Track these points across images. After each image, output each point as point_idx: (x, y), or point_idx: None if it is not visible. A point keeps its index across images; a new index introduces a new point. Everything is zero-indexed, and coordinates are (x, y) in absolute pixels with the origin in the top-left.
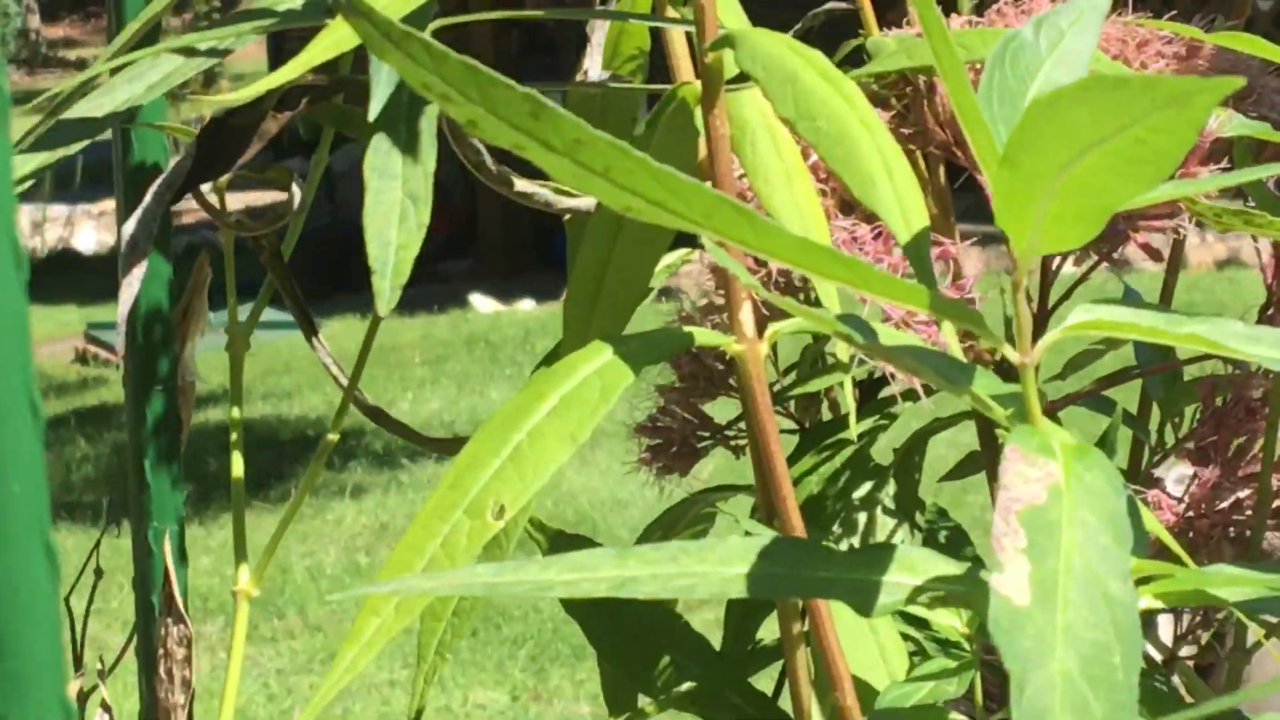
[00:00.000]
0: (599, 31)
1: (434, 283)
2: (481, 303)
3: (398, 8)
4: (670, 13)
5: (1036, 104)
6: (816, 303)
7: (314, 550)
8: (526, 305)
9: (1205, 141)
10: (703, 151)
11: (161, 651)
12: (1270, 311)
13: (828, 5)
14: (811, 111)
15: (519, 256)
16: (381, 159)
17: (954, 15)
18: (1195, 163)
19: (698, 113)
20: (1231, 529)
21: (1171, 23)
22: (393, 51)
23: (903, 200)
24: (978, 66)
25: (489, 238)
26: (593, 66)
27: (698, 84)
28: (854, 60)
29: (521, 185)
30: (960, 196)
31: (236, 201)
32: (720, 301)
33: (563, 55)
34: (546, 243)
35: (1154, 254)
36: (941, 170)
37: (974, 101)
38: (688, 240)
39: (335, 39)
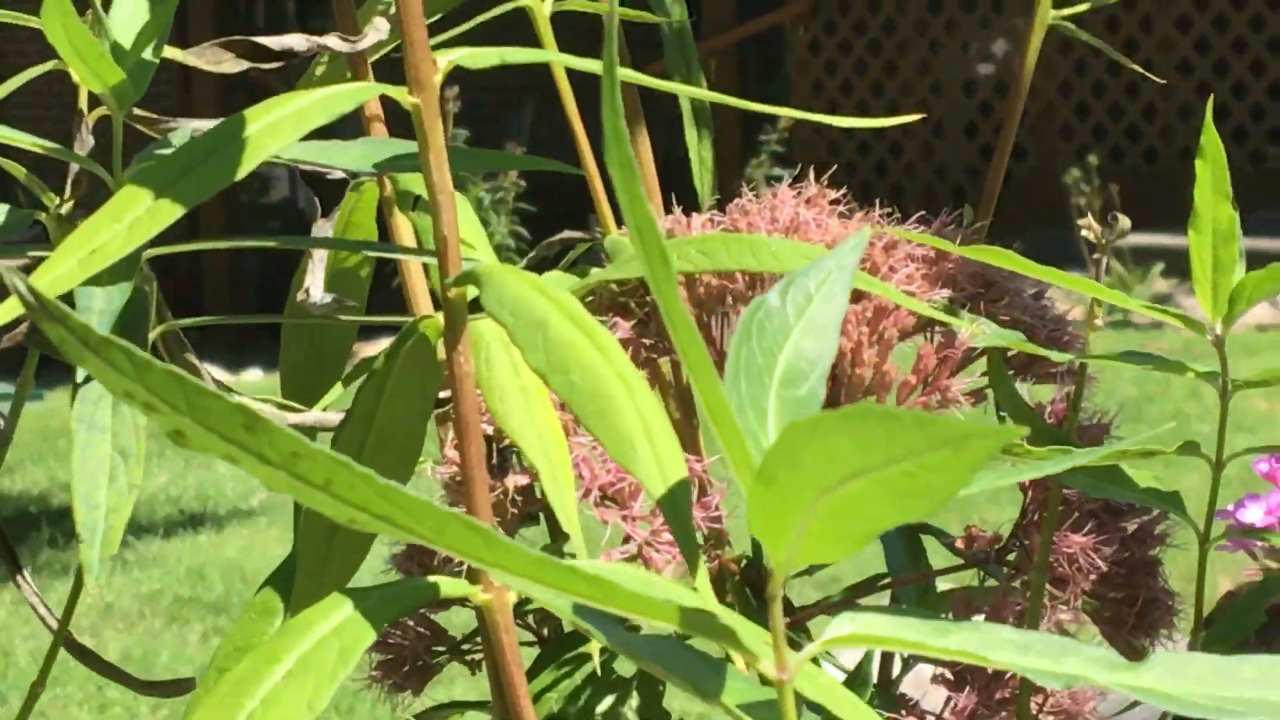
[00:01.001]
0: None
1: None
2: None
3: (102, 262)
4: (403, 225)
5: (795, 427)
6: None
7: (38, 632)
8: (254, 375)
9: (957, 352)
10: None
11: None
12: (1025, 523)
13: (562, 235)
14: (564, 364)
15: (246, 326)
16: (89, 409)
17: (694, 215)
18: (947, 375)
19: (439, 346)
20: None
21: (919, 234)
22: (92, 359)
23: (663, 463)
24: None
25: (216, 307)
26: (315, 286)
27: (439, 318)
28: (592, 257)
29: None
30: None
31: None
32: None
33: None
34: (277, 311)
35: None
36: (685, 369)
37: (723, 400)
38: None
39: (53, 279)
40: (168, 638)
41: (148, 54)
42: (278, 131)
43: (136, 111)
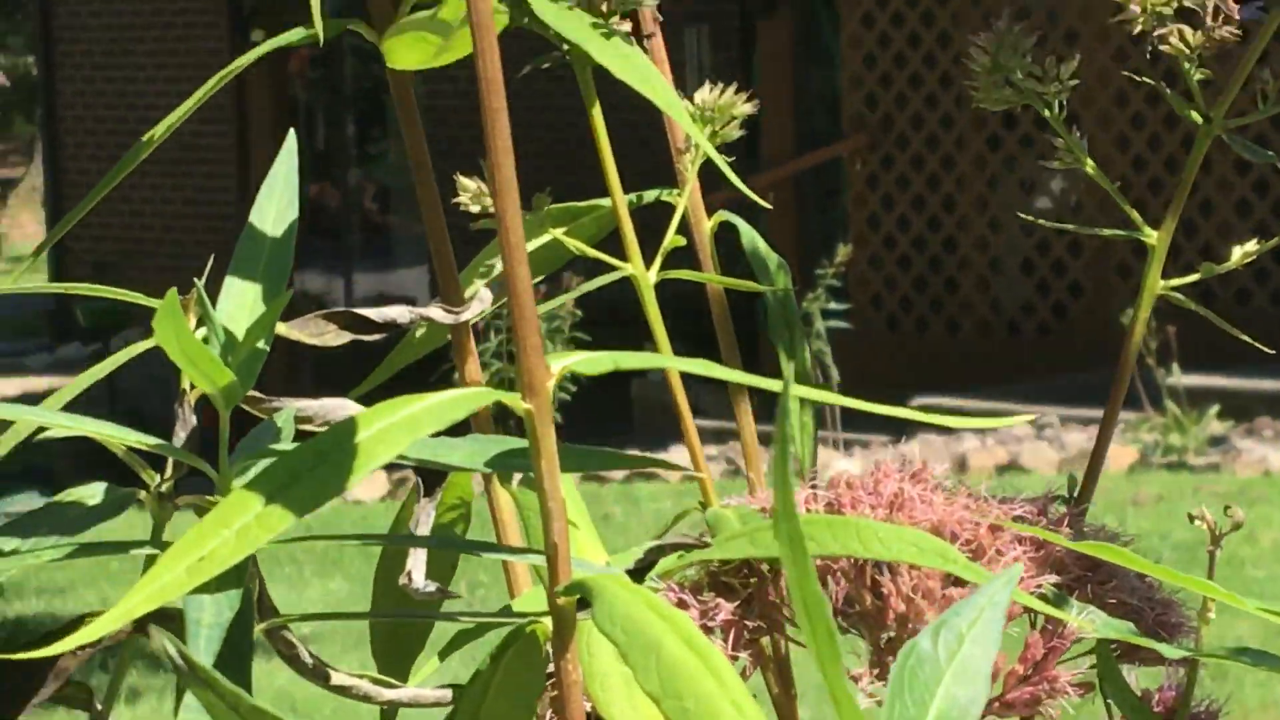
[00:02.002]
0: (422, 524)
1: None
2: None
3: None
4: (504, 502)
5: None
6: None
7: None
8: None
9: (1065, 643)
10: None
11: None
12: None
13: (670, 542)
14: (678, 689)
15: None
16: (193, 715)
17: (799, 488)
18: (1054, 663)
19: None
20: None
21: (1020, 522)
22: (199, 690)
23: None
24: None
25: None
26: (417, 571)
27: (547, 622)
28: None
29: (339, 679)
30: None
31: (11, 388)
32: None
33: None
34: None
35: None
36: (783, 641)
37: None
38: None
39: (161, 586)
40: None
41: (259, 345)
42: (389, 439)
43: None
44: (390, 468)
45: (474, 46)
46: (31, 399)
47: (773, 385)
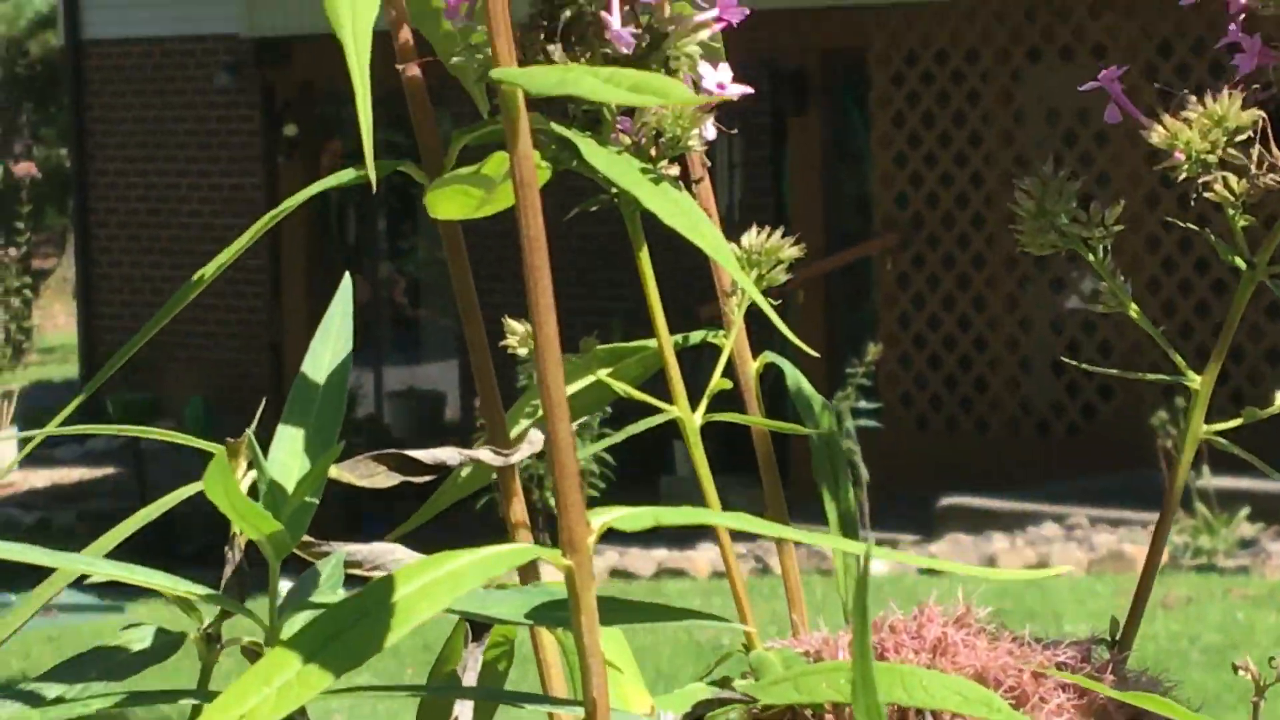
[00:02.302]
0: None
1: None
2: None
3: None
4: (547, 641)
5: None
6: None
7: None
8: None
9: None
10: None
11: None
12: None
13: (712, 697)
14: None
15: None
16: None
17: (841, 634)
18: None
19: None
20: None
21: (1063, 669)
22: None
23: None
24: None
25: None
26: (465, 716)
27: None
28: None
29: None
30: None
31: (40, 479)
32: None
33: None
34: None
35: None
36: None
37: None
38: None
39: None
40: None
41: (308, 498)
42: (431, 596)
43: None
44: None
45: (517, 204)
46: (61, 490)
47: (820, 540)
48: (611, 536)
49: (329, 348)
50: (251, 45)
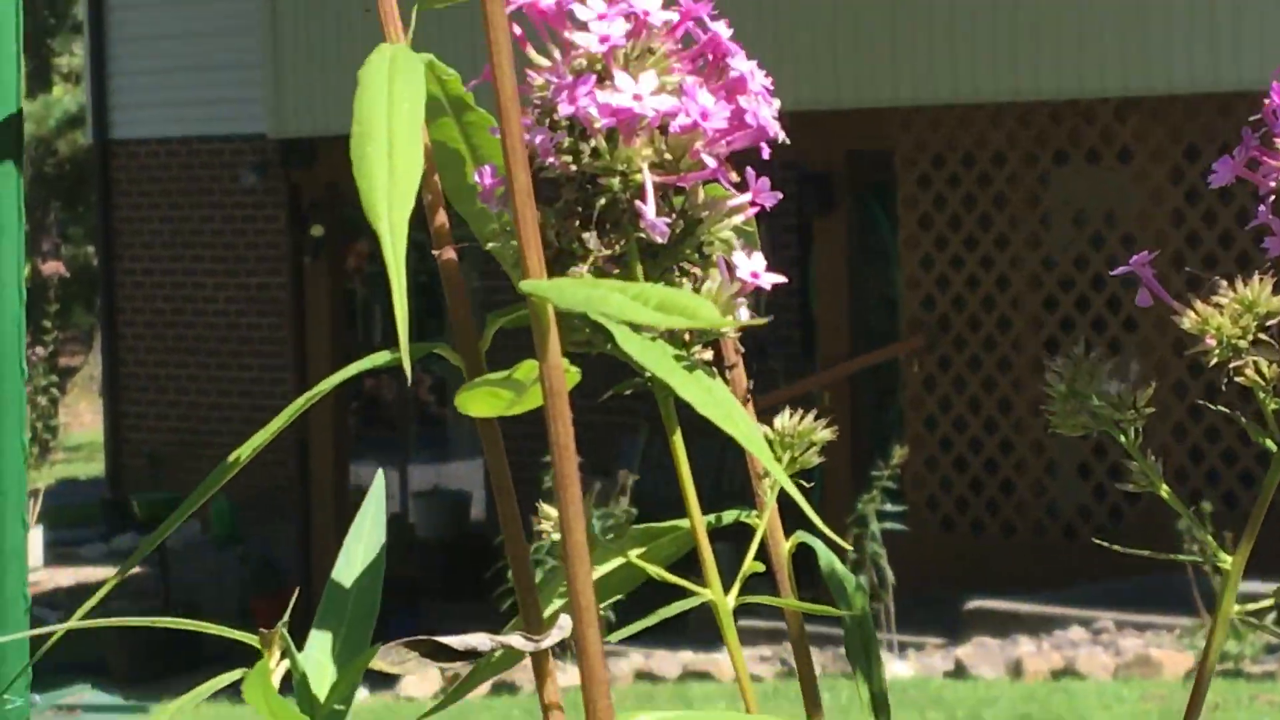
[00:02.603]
0: None
1: None
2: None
3: None
4: None
5: None
6: None
7: None
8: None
9: None
10: None
11: None
12: None
13: None
14: None
15: None
16: None
17: None
18: None
19: None
20: None
21: None
22: None
23: None
24: None
25: None
26: None
27: None
28: None
29: None
30: None
31: (66, 578)
32: None
33: None
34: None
35: None
36: None
37: None
38: None
39: None
40: None
41: (338, 706)
42: None
43: None
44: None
45: (546, 413)
46: (87, 590)
47: None
48: (636, 638)
49: (361, 547)
50: (278, 146)
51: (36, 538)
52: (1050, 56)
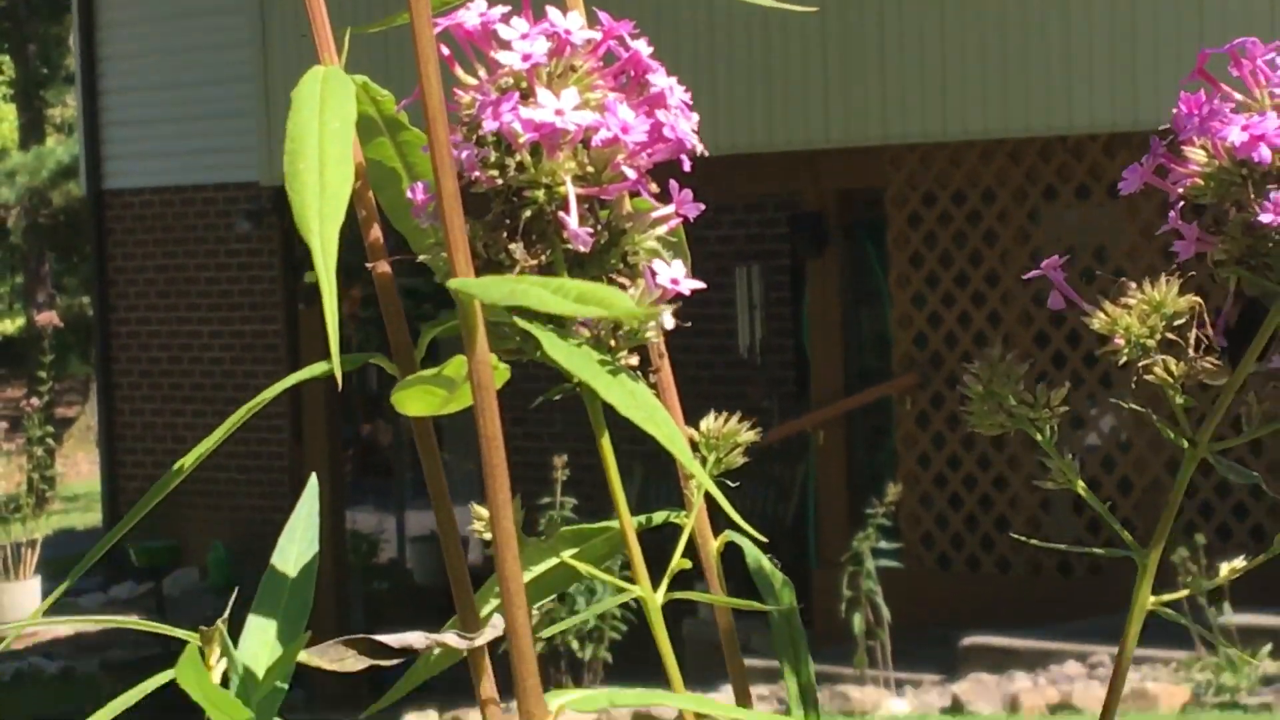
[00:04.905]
0: None
1: None
2: None
3: None
4: None
5: None
6: None
7: None
8: None
9: None
10: None
11: None
12: None
13: None
14: None
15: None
16: None
17: None
18: None
19: None
20: None
21: None
22: None
23: None
24: None
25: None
26: None
27: None
28: None
29: None
30: None
31: (64, 627)
32: None
33: None
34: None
35: None
36: None
37: None
38: None
39: None
40: None
41: (278, 684)
42: None
43: None
44: (441, 710)
45: (475, 406)
46: (85, 640)
47: None
48: (635, 674)
49: (295, 545)
50: (271, 193)
51: (34, 588)
52: (1040, 93)
